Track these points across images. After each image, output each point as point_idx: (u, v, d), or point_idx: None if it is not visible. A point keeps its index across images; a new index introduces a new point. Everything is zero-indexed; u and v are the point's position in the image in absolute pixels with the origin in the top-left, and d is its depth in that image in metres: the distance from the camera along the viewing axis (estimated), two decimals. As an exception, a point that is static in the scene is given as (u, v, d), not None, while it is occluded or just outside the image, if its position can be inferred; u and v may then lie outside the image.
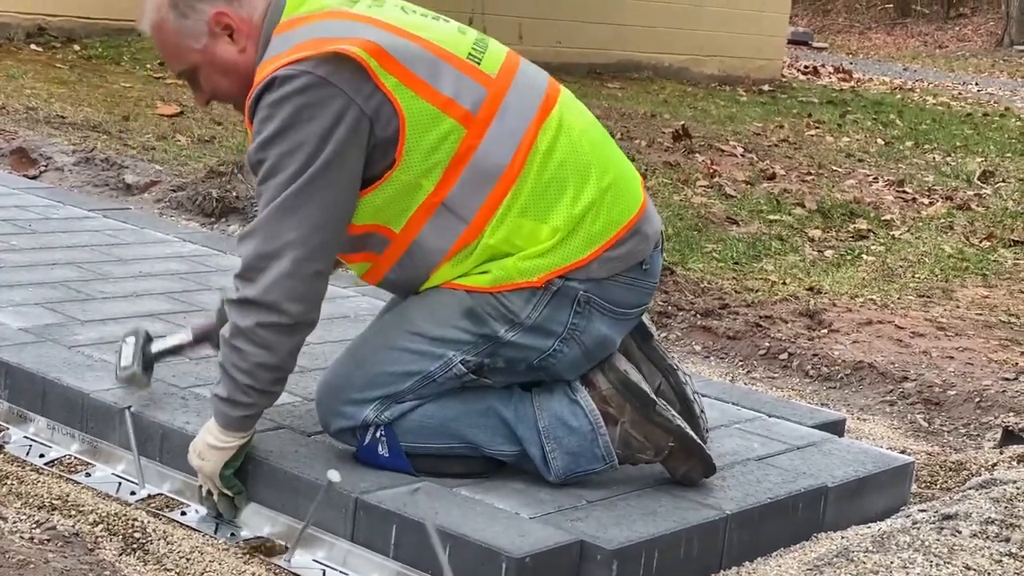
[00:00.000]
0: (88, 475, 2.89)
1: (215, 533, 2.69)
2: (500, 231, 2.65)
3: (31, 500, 2.70)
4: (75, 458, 2.96)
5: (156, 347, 3.02)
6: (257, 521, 2.71)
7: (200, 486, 2.74)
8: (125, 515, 2.66)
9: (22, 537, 2.43)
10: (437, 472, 2.74)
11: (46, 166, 6.04)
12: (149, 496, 2.81)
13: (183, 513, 2.75)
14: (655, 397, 2.77)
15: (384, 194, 2.64)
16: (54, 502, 2.70)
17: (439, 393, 2.73)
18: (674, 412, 2.79)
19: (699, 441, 2.79)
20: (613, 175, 2.74)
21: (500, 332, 2.68)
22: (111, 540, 2.56)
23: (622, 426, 2.75)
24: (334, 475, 2.50)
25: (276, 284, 2.57)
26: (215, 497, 2.71)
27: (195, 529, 2.69)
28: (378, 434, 2.73)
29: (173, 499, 2.81)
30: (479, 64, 2.69)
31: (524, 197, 2.65)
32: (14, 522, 2.50)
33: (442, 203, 2.64)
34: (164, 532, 2.63)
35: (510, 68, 2.75)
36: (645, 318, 3.04)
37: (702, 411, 3.01)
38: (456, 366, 2.70)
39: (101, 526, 2.61)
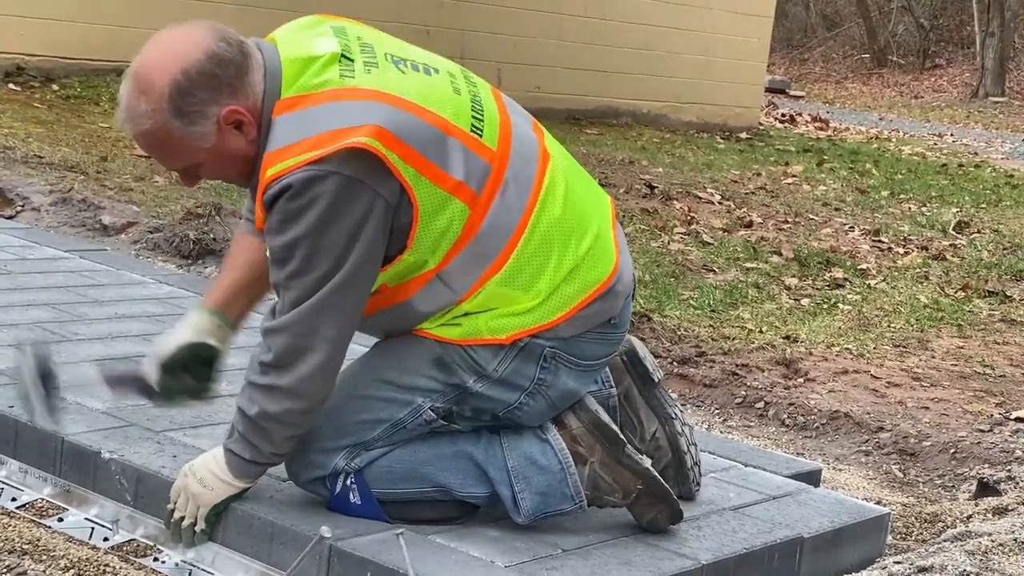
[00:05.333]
0: (60, 520, 2.86)
1: (188, 579, 2.67)
2: (479, 298, 2.66)
3: (2, 545, 2.67)
4: (47, 502, 2.93)
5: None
6: (230, 568, 2.69)
7: (172, 510, 2.72)
8: (97, 561, 2.64)
9: (-8, 582, 2.41)
10: (410, 518, 2.73)
11: (23, 206, 6.02)
12: (122, 542, 2.79)
13: (155, 559, 2.73)
14: (623, 438, 2.78)
15: (391, 272, 2.64)
16: (25, 547, 2.67)
17: (408, 439, 2.73)
18: (643, 456, 2.81)
19: (666, 486, 2.80)
20: (592, 239, 2.74)
21: (468, 383, 2.69)
22: (82, 586, 2.54)
23: (591, 466, 2.75)
24: (326, 531, 2.50)
25: (311, 376, 2.59)
26: (184, 524, 2.71)
27: (168, 575, 2.67)
28: (348, 482, 2.72)
29: (146, 545, 2.78)
30: (481, 137, 2.65)
31: (507, 269, 2.66)
32: (-16, 567, 2.48)
33: (437, 275, 2.63)
34: (136, 578, 2.60)
35: (506, 133, 2.71)
36: (649, 363, 3.05)
37: (695, 464, 3.03)
38: (426, 412, 2.70)
39: (72, 571, 2.59)
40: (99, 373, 2.93)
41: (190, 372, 2.85)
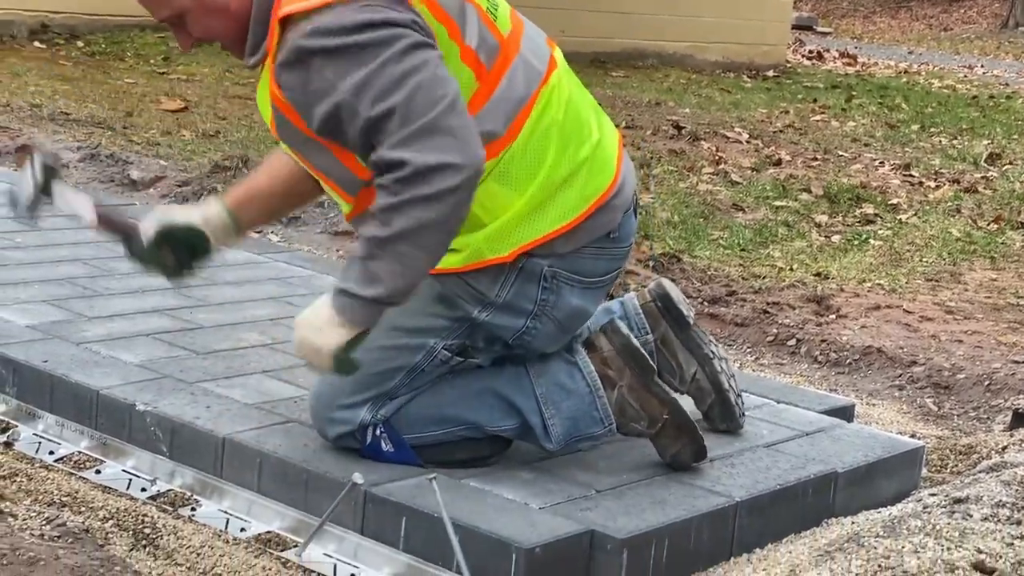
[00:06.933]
0: (98, 472, 2.89)
1: (225, 528, 2.69)
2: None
3: (41, 497, 2.70)
4: (85, 455, 2.96)
5: (59, 193, 2.80)
6: (266, 516, 2.71)
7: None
8: (135, 511, 2.67)
9: (32, 534, 2.43)
10: (443, 460, 2.74)
11: (51, 163, 6.04)
12: (159, 492, 2.82)
13: (193, 509, 2.75)
14: (653, 366, 2.78)
15: None
16: (64, 499, 2.70)
17: (432, 382, 2.73)
18: (669, 387, 2.83)
19: (692, 420, 2.81)
20: (590, 148, 2.72)
21: (473, 313, 2.68)
22: (121, 536, 2.56)
23: (619, 390, 2.76)
24: (358, 477, 2.51)
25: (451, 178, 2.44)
26: (322, 373, 2.66)
27: (205, 524, 2.69)
28: (378, 432, 2.73)
29: (183, 494, 2.81)
30: (495, 20, 2.65)
31: (503, 164, 2.63)
32: (24, 519, 2.50)
33: None
34: (174, 527, 2.63)
35: (518, 31, 2.72)
36: (683, 306, 3.04)
37: (737, 397, 3.06)
38: (440, 352, 2.71)
39: (111, 522, 2.61)
40: (92, 204, 2.84)
41: (177, 251, 2.81)
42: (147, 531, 2.59)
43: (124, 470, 2.89)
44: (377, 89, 2.46)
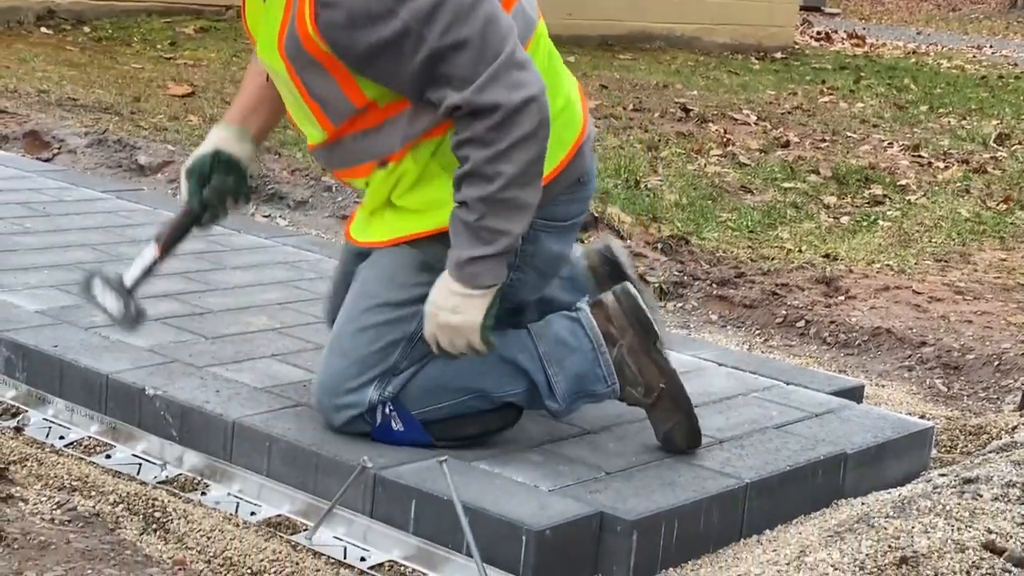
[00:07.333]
0: (108, 456, 2.89)
1: (235, 512, 2.69)
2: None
3: (51, 482, 2.70)
4: (94, 439, 2.96)
5: (130, 278, 2.87)
6: (276, 499, 2.71)
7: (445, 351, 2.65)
8: (145, 495, 2.67)
9: (43, 518, 2.44)
10: (454, 436, 2.75)
11: (59, 149, 6.05)
12: (170, 477, 2.82)
13: (203, 493, 2.76)
14: (657, 333, 2.79)
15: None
16: (74, 483, 2.71)
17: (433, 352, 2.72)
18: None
19: (689, 398, 2.80)
20: (564, 99, 2.75)
21: None
22: (132, 520, 2.57)
23: (619, 349, 2.77)
24: (367, 460, 2.52)
25: (537, 100, 2.49)
26: (469, 355, 2.65)
27: (215, 508, 2.70)
28: (388, 410, 2.73)
29: (193, 479, 2.81)
30: None
31: None
32: (35, 503, 2.51)
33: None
34: (184, 511, 2.63)
35: None
36: (656, 324, 2.97)
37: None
38: None
39: (122, 506, 2.62)
40: (153, 247, 2.91)
41: (217, 179, 2.86)
42: (157, 515, 2.60)
43: (134, 455, 2.90)
44: (448, 17, 2.47)
